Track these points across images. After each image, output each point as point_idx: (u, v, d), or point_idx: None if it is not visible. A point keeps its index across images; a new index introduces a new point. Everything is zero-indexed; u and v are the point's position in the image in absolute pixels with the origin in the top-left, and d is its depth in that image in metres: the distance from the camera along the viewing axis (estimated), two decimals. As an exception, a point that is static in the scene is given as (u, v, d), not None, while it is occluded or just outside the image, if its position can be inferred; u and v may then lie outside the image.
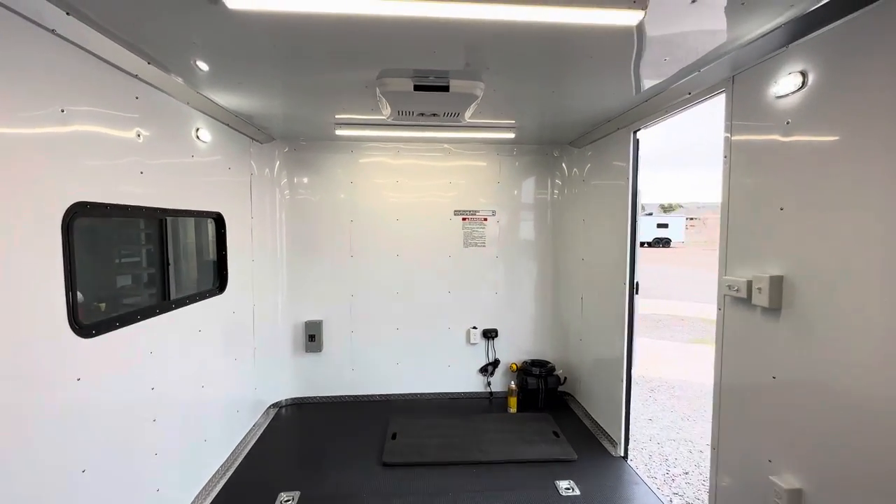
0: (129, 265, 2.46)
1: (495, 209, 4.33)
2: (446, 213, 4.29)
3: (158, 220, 2.39)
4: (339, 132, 3.52)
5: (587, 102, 2.87)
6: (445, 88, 2.39)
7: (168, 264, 2.44)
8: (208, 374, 2.88)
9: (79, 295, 1.75)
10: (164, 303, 2.41)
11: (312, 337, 4.19)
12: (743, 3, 1.57)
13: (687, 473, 3.61)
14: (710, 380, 2.27)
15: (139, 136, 2.16)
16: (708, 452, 2.54)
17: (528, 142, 4.16)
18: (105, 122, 1.94)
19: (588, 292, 3.94)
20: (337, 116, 3.33)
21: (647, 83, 2.45)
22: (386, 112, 2.82)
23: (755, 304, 1.91)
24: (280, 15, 1.68)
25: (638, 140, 3.16)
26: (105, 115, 1.94)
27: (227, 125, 3.15)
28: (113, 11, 1.64)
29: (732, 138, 2.10)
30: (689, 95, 2.44)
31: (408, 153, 4.22)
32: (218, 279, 3.15)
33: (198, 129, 2.75)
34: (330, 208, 4.21)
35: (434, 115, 2.80)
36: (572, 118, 3.30)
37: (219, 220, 3.10)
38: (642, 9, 1.55)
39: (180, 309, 2.54)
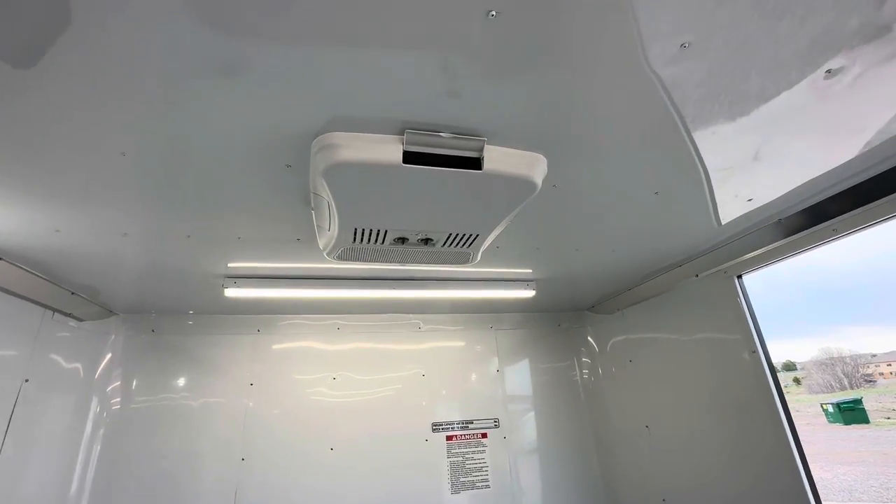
0: None
1: (498, 416, 2.65)
2: (419, 430, 2.50)
3: None
4: (230, 292, 1.93)
5: (683, 223, 1.69)
6: (475, 163, 1.06)
7: None
8: None
9: None
10: None
11: None
12: None
13: None
14: None
15: None
16: None
17: (534, 308, 2.85)
18: None
19: (696, 572, 2.10)
20: (230, 265, 1.81)
21: (819, 169, 1.34)
22: (327, 237, 1.38)
23: None
24: None
25: (745, 286, 1.97)
26: None
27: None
28: None
29: None
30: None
31: (353, 331, 2.64)
32: None
33: None
34: (203, 434, 2.25)
35: (427, 241, 1.40)
36: (617, 265, 2.09)
37: None
38: None
39: None
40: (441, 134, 1.02)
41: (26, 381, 1.78)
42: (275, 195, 1.27)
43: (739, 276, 1.96)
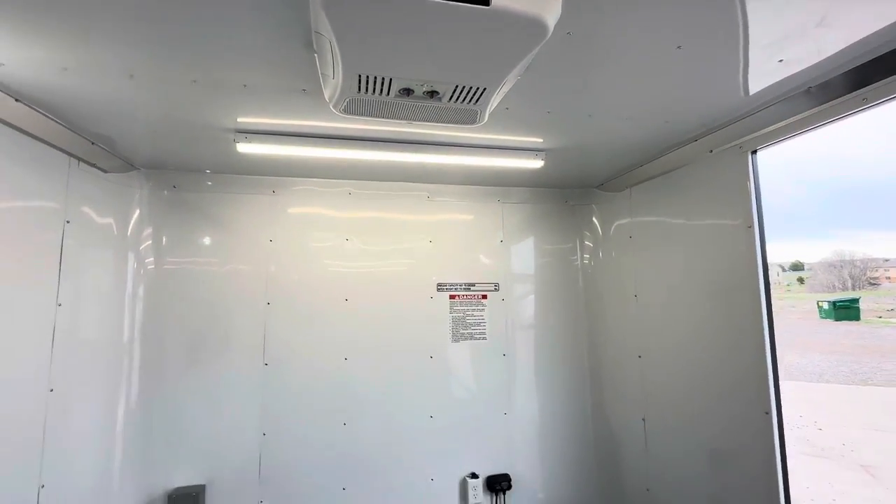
0: None
1: (498, 281, 2.87)
2: (425, 288, 2.75)
3: None
4: (242, 147, 1.98)
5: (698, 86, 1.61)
6: (482, -3, 1.00)
7: None
8: None
9: None
10: None
11: (181, 524, 2.26)
12: None
13: None
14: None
15: None
16: None
17: (542, 183, 2.87)
18: None
19: (657, 411, 2.47)
20: (240, 120, 1.82)
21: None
22: (332, 86, 1.36)
23: None
24: None
25: (757, 164, 1.94)
26: None
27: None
28: None
29: None
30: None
31: (364, 199, 2.73)
32: None
33: None
34: (231, 282, 2.52)
35: (433, 93, 1.38)
36: (630, 136, 2.04)
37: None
38: None
39: None
40: (446, -41, 0.93)
41: (67, 222, 1.96)
42: (274, 35, 1.23)
43: (754, 152, 1.91)
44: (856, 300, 24.92)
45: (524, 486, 2.73)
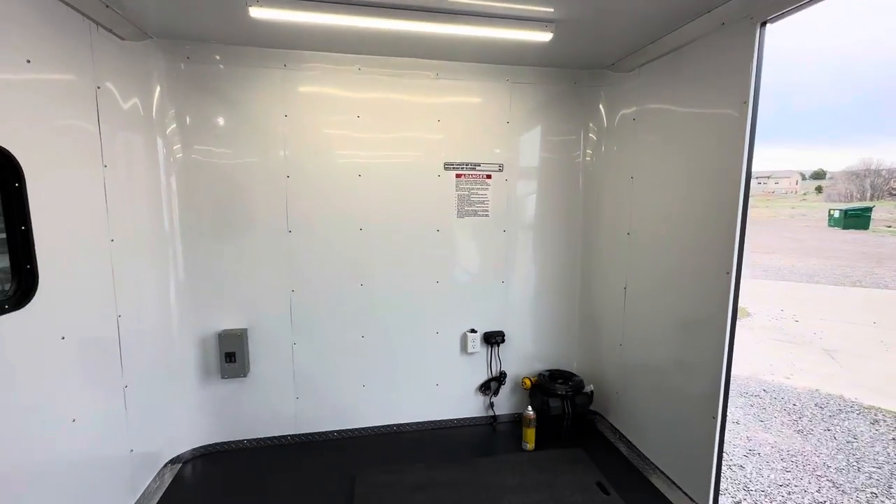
0: None
1: (503, 162, 3.01)
2: (433, 167, 2.92)
3: None
4: (255, 12, 2.00)
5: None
6: None
7: None
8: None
9: None
10: None
11: (231, 356, 2.75)
12: None
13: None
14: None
15: None
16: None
17: (552, 63, 2.85)
18: None
19: (637, 281, 2.78)
20: (250, -19, 1.83)
21: None
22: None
23: None
24: None
25: (764, 38, 1.94)
26: None
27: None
28: None
29: None
30: None
31: (373, 77, 2.75)
32: (16, 280, 1.63)
33: None
34: (252, 159, 2.70)
35: (441, -52, 1.39)
36: (642, 5, 2.01)
37: (2, 164, 1.55)
38: None
39: None
40: None
41: (98, 87, 2.08)
42: None
43: (763, 24, 1.90)
44: (868, 209, 24.62)
45: (515, 341, 3.20)
